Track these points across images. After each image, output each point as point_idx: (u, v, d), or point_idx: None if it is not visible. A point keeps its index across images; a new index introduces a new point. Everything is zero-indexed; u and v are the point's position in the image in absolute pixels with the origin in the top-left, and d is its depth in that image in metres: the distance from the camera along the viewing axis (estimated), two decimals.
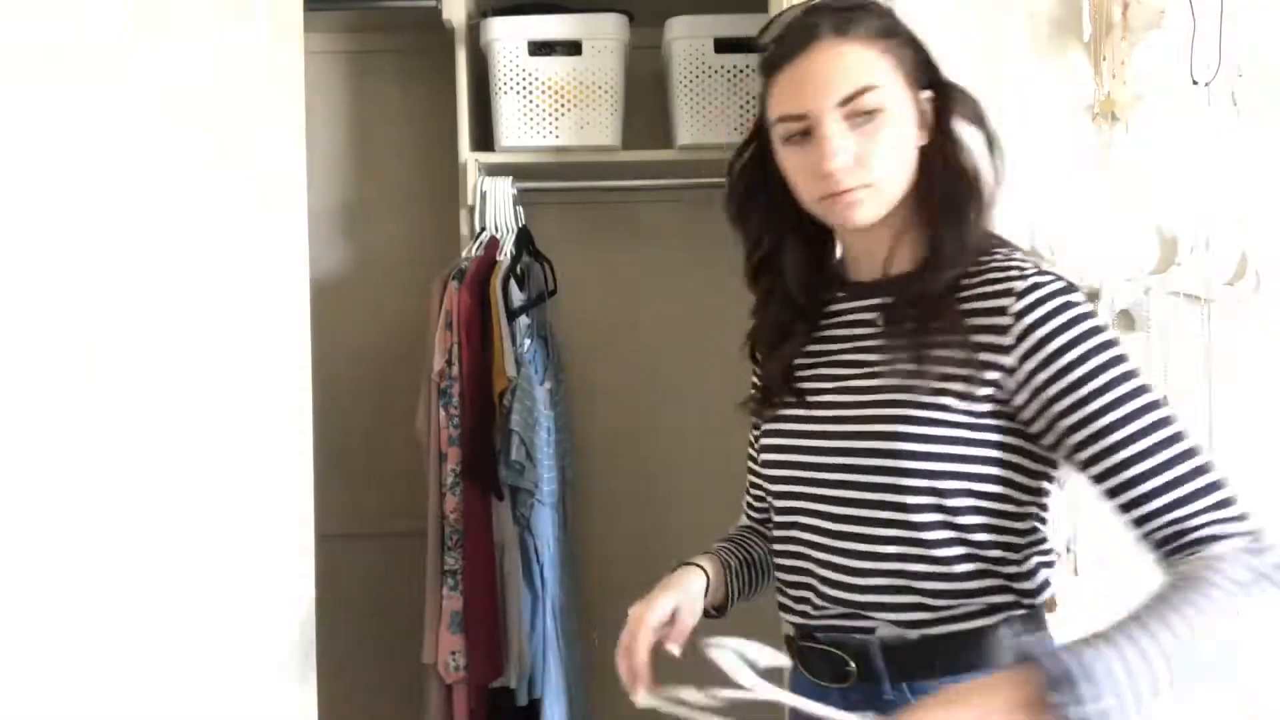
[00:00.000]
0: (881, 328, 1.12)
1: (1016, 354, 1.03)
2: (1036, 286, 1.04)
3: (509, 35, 2.24)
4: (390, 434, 2.47)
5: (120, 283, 1.17)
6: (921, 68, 1.11)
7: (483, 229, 2.21)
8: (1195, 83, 1.63)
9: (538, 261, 2.29)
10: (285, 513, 1.54)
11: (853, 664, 1.10)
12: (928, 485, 1.05)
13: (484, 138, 2.35)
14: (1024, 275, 1.05)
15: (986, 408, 1.04)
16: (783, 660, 1.09)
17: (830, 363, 1.17)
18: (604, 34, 2.24)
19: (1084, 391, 1.00)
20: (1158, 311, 1.64)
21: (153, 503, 1.22)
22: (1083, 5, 1.65)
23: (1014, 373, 1.03)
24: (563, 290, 2.33)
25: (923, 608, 1.07)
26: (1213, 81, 1.62)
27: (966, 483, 1.05)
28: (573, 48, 2.24)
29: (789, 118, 1.09)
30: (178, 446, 1.27)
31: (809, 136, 1.08)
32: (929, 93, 1.12)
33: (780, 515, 1.19)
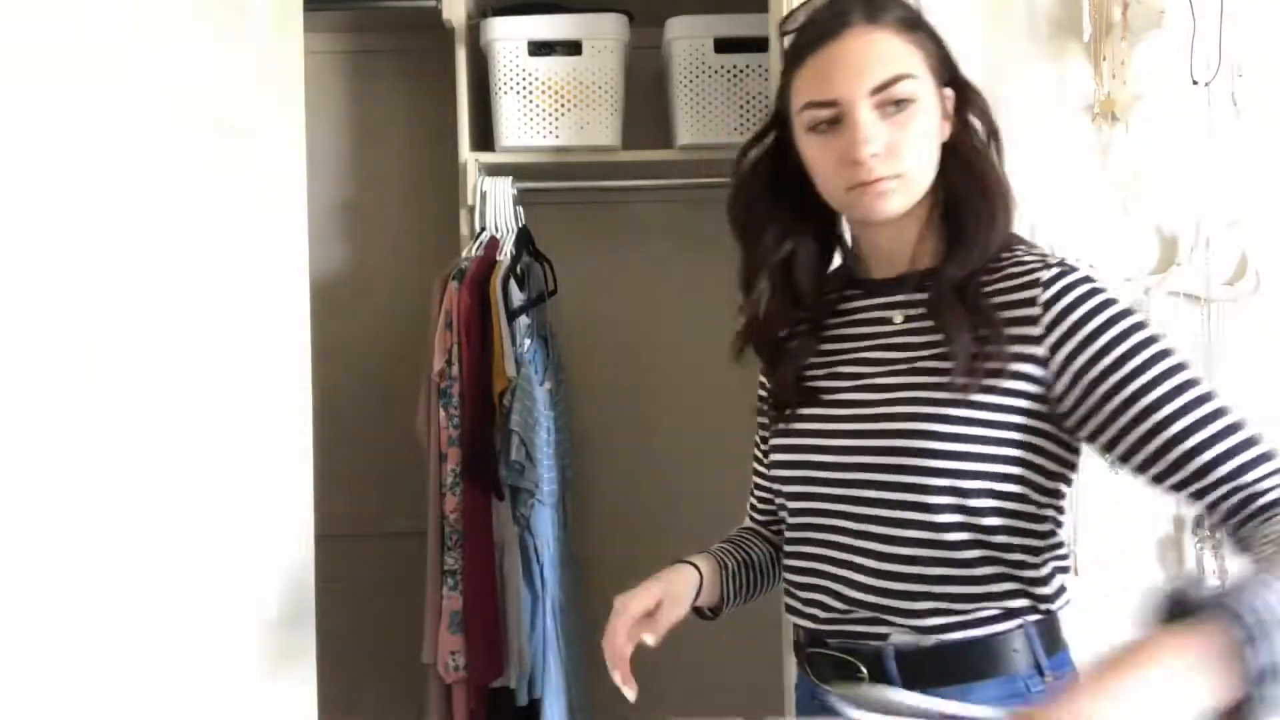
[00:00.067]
0: (904, 324, 1.11)
1: (1049, 342, 1.02)
2: (1063, 274, 1.04)
3: (509, 35, 2.24)
4: (390, 434, 2.47)
5: (121, 283, 1.17)
6: (945, 63, 1.11)
7: (483, 229, 2.21)
8: (1195, 83, 1.63)
9: (538, 261, 2.29)
10: (285, 513, 1.54)
11: (865, 670, 1.08)
12: (950, 485, 1.04)
13: (484, 138, 2.35)
14: (1048, 265, 1.05)
15: (1015, 403, 1.03)
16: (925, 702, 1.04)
17: (848, 361, 1.15)
18: (604, 34, 2.24)
19: (1129, 368, 0.99)
20: (1158, 311, 1.64)
21: (153, 503, 1.22)
22: (1083, 5, 1.65)
23: (1049, 362, 1.02)
24: (563, 290, 2.33)
25: (940, 612, 1.05)
26: (1213, 81, 1.62)
27: (989, 482, 1.04)
28: (573, 48, 2.24)
29: (817, 104, 1.06)
30: (178, 447, 1.27)
31: (837, 125, 1.06)
32: (949, 89, 1.11)
33: (795, 517, 1.17)
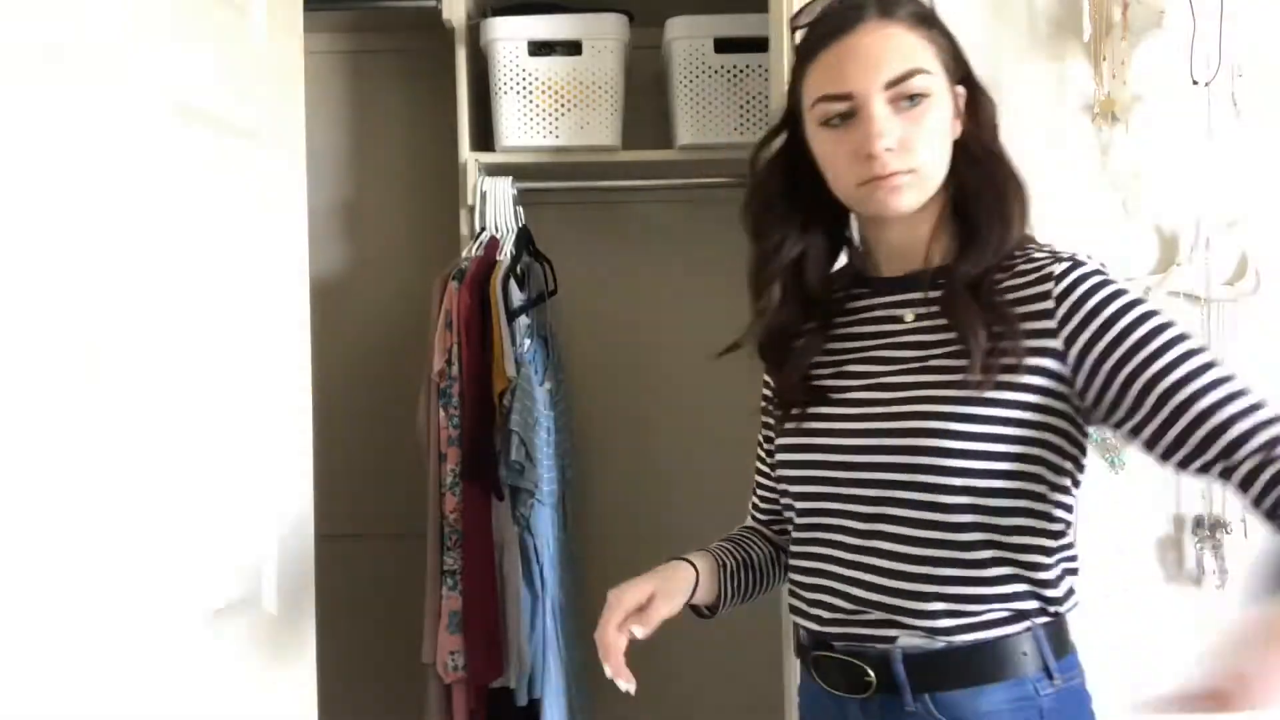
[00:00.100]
0: (915, 323, 1.11)
1: (1064, 334, 1.02)
2: (1075, 267, 1.04)
3: (509, 35, 2.24)
4: (390, 434, 2.47)
5: (120, 283, 1.16)
6: (956, 60, 1.11)
7: (483, 229, 2.21)
8: (1195, 83, 1.63)
9: (538, 261, 2.29)
10: (285, 513, 1.54)
11: (872, 674, 1.07)
12: (966, 484, 1.03)
13: (484, 138, 2.35)
14: (1059, 259, 1.05)
15: (1031, 399, 1.03)
16: None
17: (858, 359, 1.14)
18: (604, 34, 2.24)
19: (1148, 351, 0.98)
20: None
21: (152, 502, 1.22)
22: (1083, 5, 1.65)
23: (1066, 355, 1.02)
24: (563, 290, 2.33)
25: (951, 613, 1.04)
26: (1213, 81, 1.62)
27: (1005, 481, 1.04)
28: (573, 48, 2.24)
29: (831, 98, 1.06)
30: (178, 446, 1.27)
31: (850, 119, 1.05)
32: (961, 88, 1.11)
33: (802, 517, 1.16)
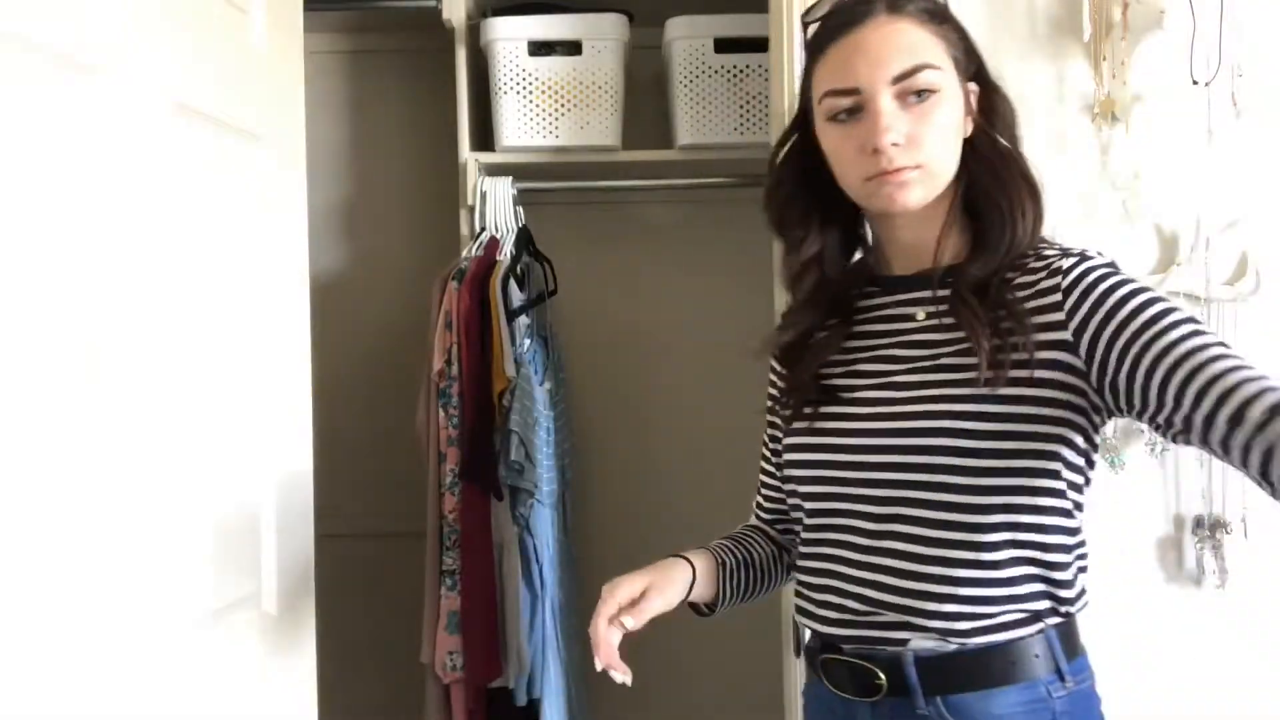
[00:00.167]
0: (926, 321, 1.10)
1: (1073, 325, 1.01)
2: (1083, 260, 1.04)
3: (509, 35, 2.24)
4: (390, 434, 2.47)
5: (120, 283, 1.16)
6: (970, 57, 1.10)
7: (483, 229, 2.21)
8: (1195, 83, 1.63)
9: (538, 261, 2.29)
10: (285, 512, 1.54)
11: (883, 677, 1.06)
12: (989, 484, 1.03)
13: (484, 138, 2.35)
14: (1068, 254, 1.05)
15: (1046, 393, 1.02)
16: None
17: (869, 358, 1.14)
18: (604, 34, 2.25)
19: (1157, 329, 0.96)
20: None
21: (152, 503, 1.22)
22: (1083, 5, 1.65)
23: (1077, 346, 1.01)
24: (563, 290, 2.33)
25: (965, 616, 1.03)
26: (1213, 81, 1.62)
27: (1023, 479, 1.03)
28: (573, 48, 2.24)
29: (837, 92, 1.05)
30: (177, 446, 1.27)
31: (857, 114, 1.05)
32: (974, 85, 1.10)
33: (812, 517, 1.15)
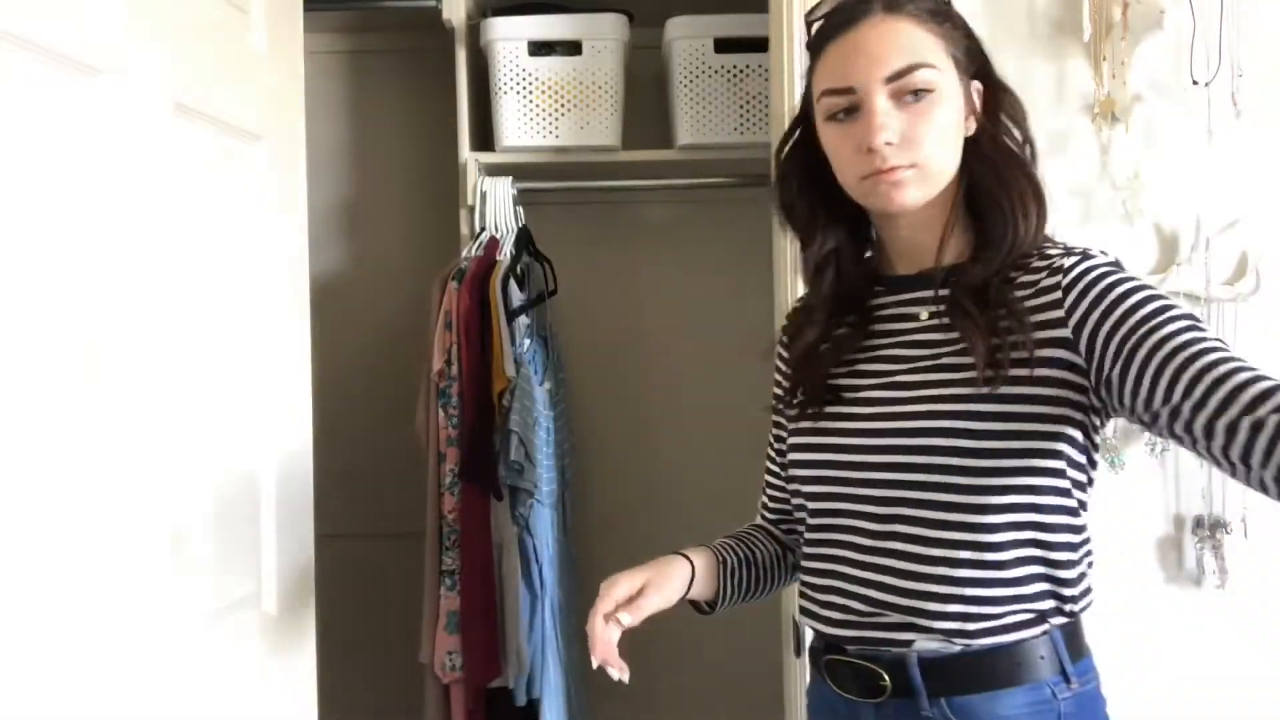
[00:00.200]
0: (929, 320, 1.10)
1: (1073, 322, 1.00)
2: (1084, 259, 1.03)
3: (509, 35, 2.24)
4: (389, 434, 2.47)
5: (120, 283, 1.16)
6: (973, 56, 1.09)
7: (483, 229, 2.21)
8: (1195, 83, 1.63)
9: (538, 261, 2.29)
10: (285, 512, 1.54)
11: (887, 678, 1.06)
12: (995, 484, 1.02)
13: (484, 138, 2.35)
14: (1070, 253, 1.05)
15: (1047, 391, 1.02)
16: None
17: (871, 358, 1.13)
18: (604, 34, 2.25)
19: (1154, 323, 0.94)
20: None
21: (152, 503, 1.22)
22: (1083, 5, 1.65)
23: (1077, 343, 1.00)
24: (563, 290, 2.33)
25: (968, 617, 1.03)
26: (1213, 81, 1.62)
27: (1030, 478, 1.03)
28: (573, 48, 2.24)
29: (834, 91, 1.06)
30: (177, 446, 1.27)
31: (854, 114, 1.05)
32: (978, 84, 1.10)
33: (815, 517, 1.15)
